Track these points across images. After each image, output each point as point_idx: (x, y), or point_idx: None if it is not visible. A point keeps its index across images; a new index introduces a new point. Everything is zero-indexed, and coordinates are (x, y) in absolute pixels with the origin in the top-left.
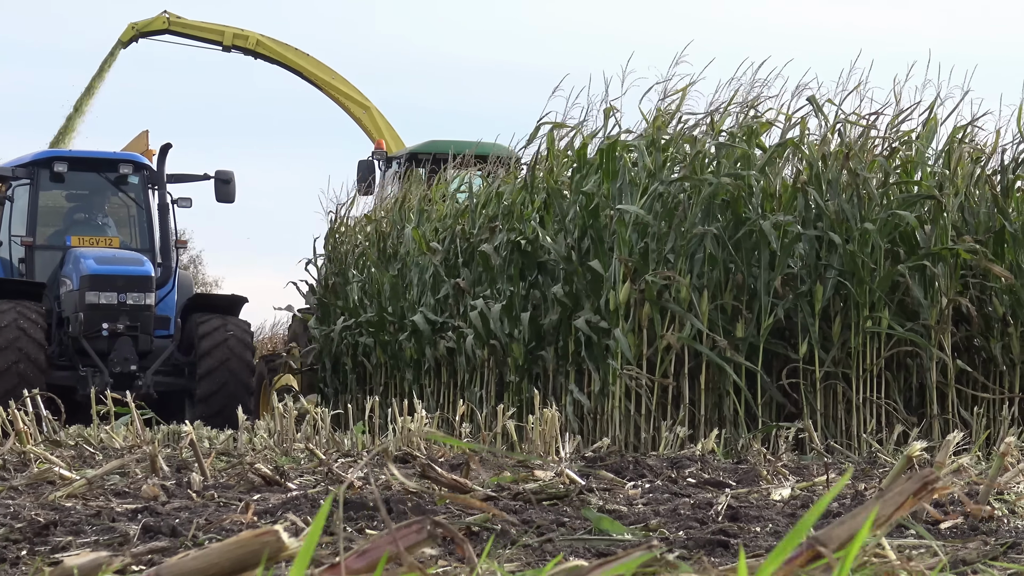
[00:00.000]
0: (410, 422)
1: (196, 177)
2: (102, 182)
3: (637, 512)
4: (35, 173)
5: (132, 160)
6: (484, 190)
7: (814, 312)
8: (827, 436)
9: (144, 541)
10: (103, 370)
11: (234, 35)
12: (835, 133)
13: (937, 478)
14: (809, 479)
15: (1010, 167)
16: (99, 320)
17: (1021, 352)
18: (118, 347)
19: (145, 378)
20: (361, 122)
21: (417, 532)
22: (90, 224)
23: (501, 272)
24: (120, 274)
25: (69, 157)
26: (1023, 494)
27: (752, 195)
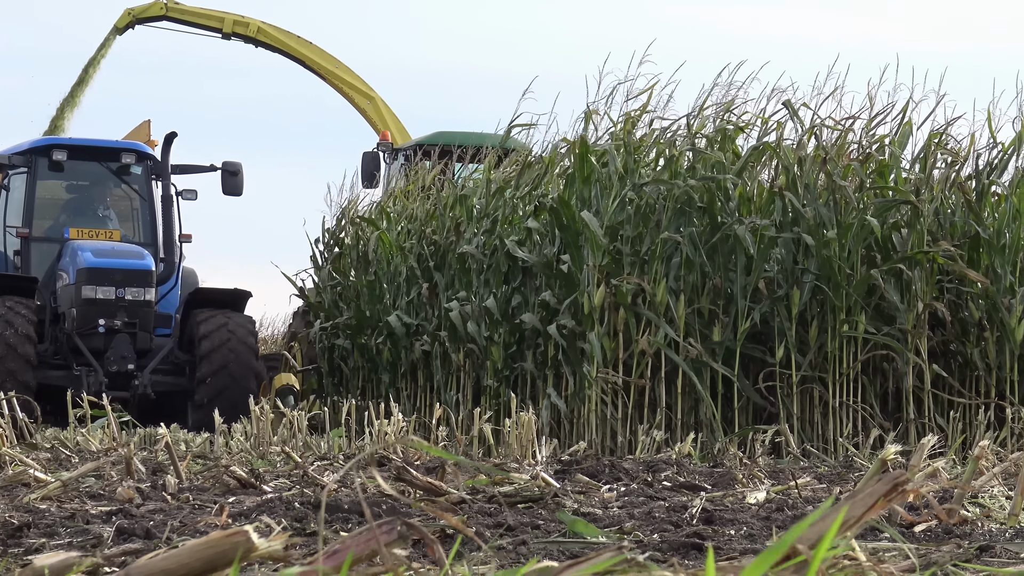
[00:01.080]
0: (386, 425)
1: (202, 168)
2: (103, 172)
3: (612, 515)
4: (33, 161)
5: (135, 149)
6: (451, 191)
7: (791, 316)
8: (803, 440)
9: (118, 543)
10: (98, 369)
11: (234, 22)
12: (811, 137)
13: (907, 480)
14: (785, 483)
15: (984, 172)
16: (95, 316)
17: (997, 357)
18: (115, 345)
19: (142, 378)
20: (366, 113)
21: (387, 533)
22: (90, 216)
23: (478, 275)
24: (119, 268)
25: (69, 145)
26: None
27: (729, 199)
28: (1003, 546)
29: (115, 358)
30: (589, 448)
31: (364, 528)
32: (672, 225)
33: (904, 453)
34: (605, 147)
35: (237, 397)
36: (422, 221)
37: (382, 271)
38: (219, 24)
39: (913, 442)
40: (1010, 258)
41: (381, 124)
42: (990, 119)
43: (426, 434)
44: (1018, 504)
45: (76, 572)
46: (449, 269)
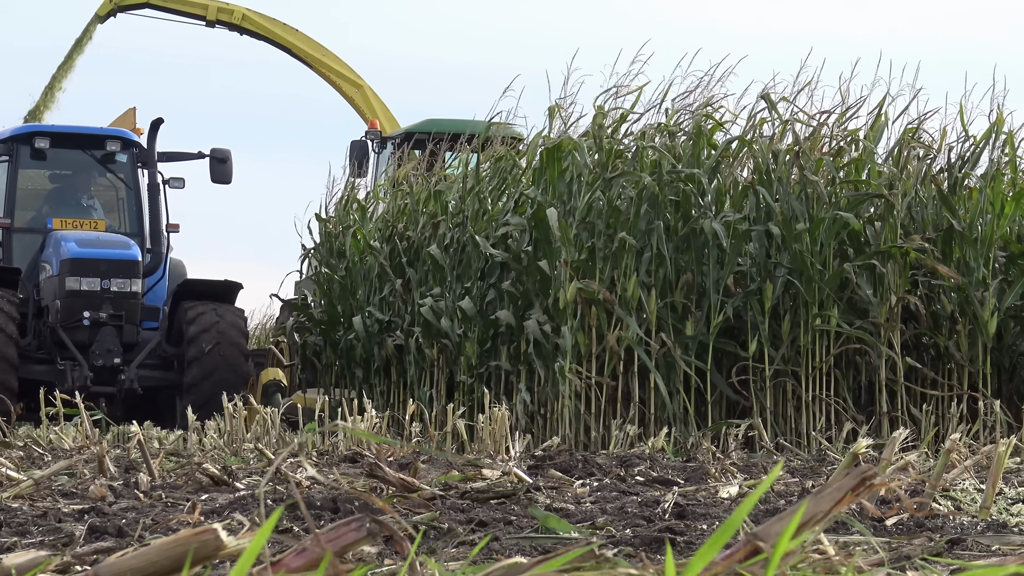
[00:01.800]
0: (359, 421)
1: (189, 155)
2: (87, 160)
3: (585, 510)
4: (14, 149)
5: (120, 136)
6: (423, 185)
7: (764, 310)
8: (777, 434)
9: (90, 542)
10: (82, 363)
11: (219, 9)
12: (785, 132)
13: (875, 474)
14: (757, 477)
15: (956, 165)
16: (80, 308)
17: (969, 350)
18: (100, 338)
19: (129, 372)
20: (353, 101)
21: (356, 530)
22: (74, 205)
23: (452, 271)
24: (103, 258)
25: (51, 132)
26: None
27: (704, 194)
28: (974, 539)
29: (100, 352)
30: (562, 443)
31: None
32: (643, 220)
33: (876, 446)
34: (574, 143)
35: (228, 378)
36: (394, 216)
37: (355, 267)
38: (203, 11)
39: (886, 435)
40: (982, 251)
41: (369, 113)
42: (962, 113)
43: (399, 430)
44: (990, 497)
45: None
46: (423, 265)
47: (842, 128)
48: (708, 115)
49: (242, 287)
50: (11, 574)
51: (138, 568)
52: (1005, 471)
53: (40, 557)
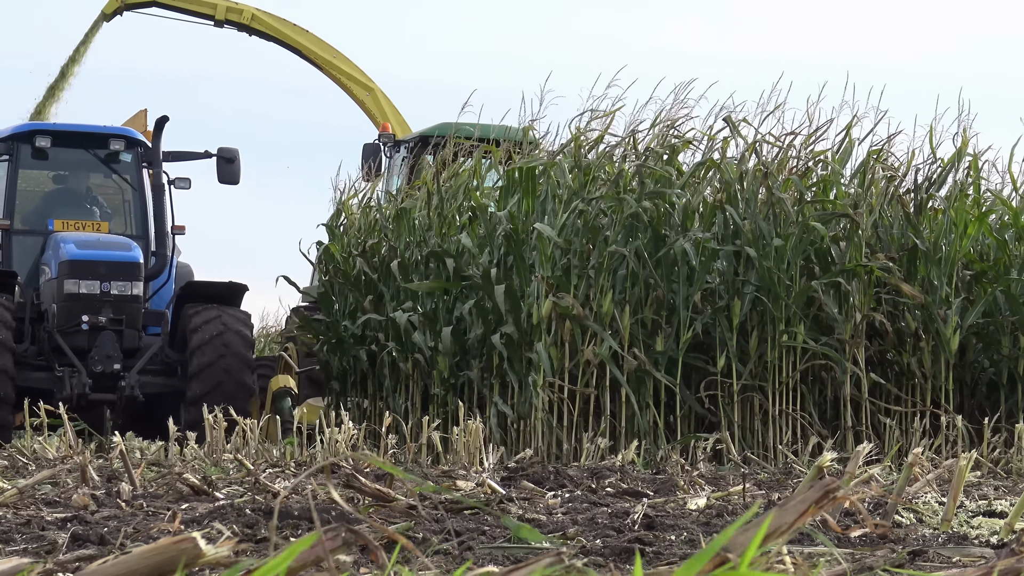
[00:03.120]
0: (337, 433)
1: (196, 155)
2: (90, 159)
3: (556, 521)
4: (15, 148)
5: (124, 135)
6: (391, 203)
7: (732, 327)
8: (744, 447)
9: (72, 549)
10: (81, 370)
11: (228, 8)
12: (752, 153)
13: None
14: (725, 489)
15: (923, 186)
16: (78, 312)
17: (932, 366)
18: (100, 343)
19: (130, 378)
20: (364, 104)
21: (332, 539)
22: (76, 206)
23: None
24: (103, 260)
25: (53, 131)
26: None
27: (673, 213)
28: (936, 551)
29: (99, 358)
30: (535, 455)
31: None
32: (619, 239)
33: (841, 460)
34: (554, 163)
35: (232, 391)
36: (365, 232)
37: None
38: (211, 11)
39: (851, 449)
40: (946, 270)
41: (381, 116)
42: (931, 135)
43: (376, 442)
44: (951, 510)
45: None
46: (393, 280)
47: (809, 149)
48: (679, 137)
49: (247, 289)
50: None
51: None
52: (966, 485)
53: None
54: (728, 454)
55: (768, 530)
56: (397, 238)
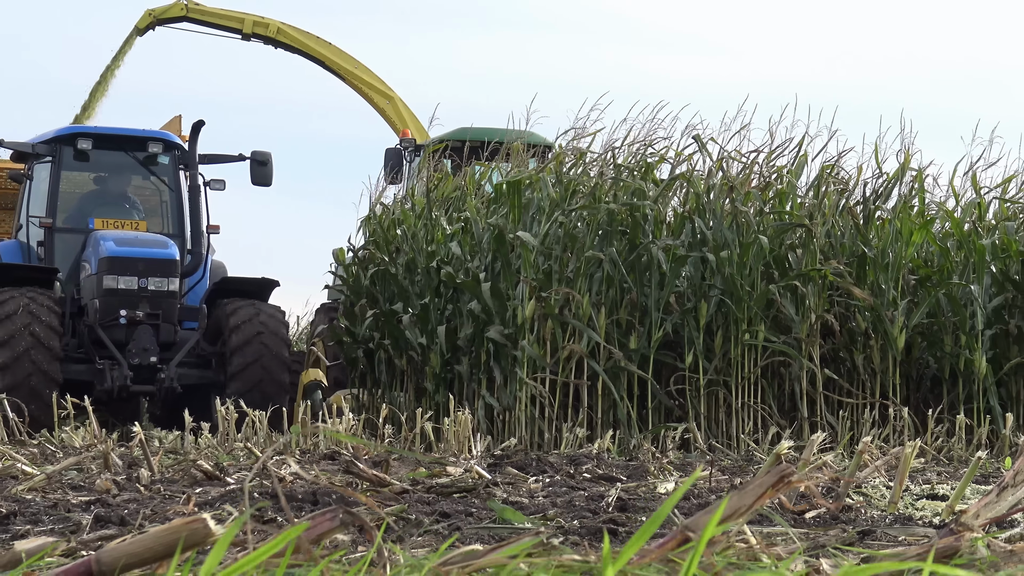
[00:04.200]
0: (338, 423)
1: (231, 158)
2: (129, 161)
3: (537, 503)
4: (57, 151)
5: (162, 138)
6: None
7: (699, 327)
8: (710, 436)
9: (95, 530)
10: (122, 363)
11: (254, 23)
12: (719, 168)
13: (793, 472)
14: (691, 474)
15: (871, 199)
16: (116, 306)
17: (881, 362)
18: (137, 337)
19: (168, 371)
20: (384, 113)
21: (330, 520)
22: (115, 206)
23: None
24: (141, 257)
25: (94, 134)
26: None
27: (646, 222)
28: (883, 531)
29: (137, 351)
30: (519, 444)
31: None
32: (596, 246)
33: (798, 448)
34: (537, 177)
35: (271, 391)
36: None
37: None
38: (239, 25)
39: (806, 438)
40: (893, 275)
41: (400, 124)
42: (877, 152)
43: (374, 432)
44: (897, 493)
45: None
46: (388, 285)
47: (770, 165)
48: (653, 154)
49: (278, 284)
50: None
51: (135, 553)
52: (911, 470)
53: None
54: (695, 443)
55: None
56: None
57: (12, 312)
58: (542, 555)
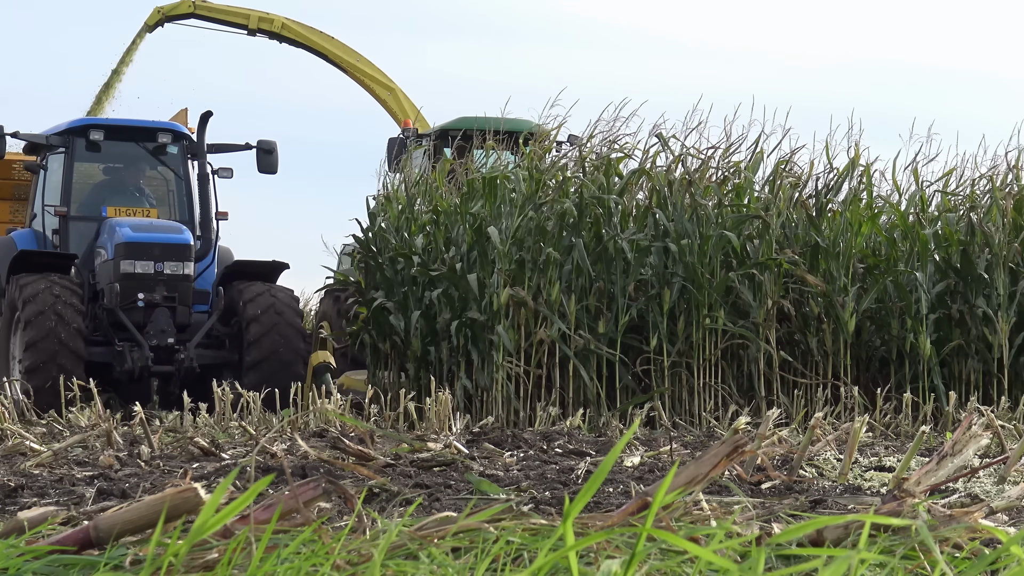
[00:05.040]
0: (327, 403)
1: (237, 147)
2: (140, 152)
3: (512, 476)
4: (70, 142)
5: (171, 129)
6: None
7: (663, 312)
8: (673, 414)
9: (98, 501)
10: (143, 344)
11: (260, 18)
12: (679, 164)
13: (747, 442)
14: (656, 449)
15: (822, 192)
16: (134, 290)
17: (833, 345)
18: (155, 319)
19: (187, 351)
20: (386, 104)
21: (313, 489)
22: (127, 195)
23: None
24: (157, 242)
25: (106, 125)
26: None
27: (610, 215)
28: (833, 499)
29: (154, 332)
30: (496, 422)
31: (296, 485)
32: (565, 238)
33: (755, 424)
34: (506, 175)
35: (287, 356)
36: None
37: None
38: (245, 21)
39: (763, 416)
40: (843, 263)
41: (402, 114)
42: (828, 148)
43: (360, 411)
44: (847, 465)
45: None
46: (372, 275)
47: (727, 161)
48: (615, 150)
49: (288, 267)
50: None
51: (130, 520)
52: (860, 444)
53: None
54: (660, 420)
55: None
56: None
57: (37, 294)
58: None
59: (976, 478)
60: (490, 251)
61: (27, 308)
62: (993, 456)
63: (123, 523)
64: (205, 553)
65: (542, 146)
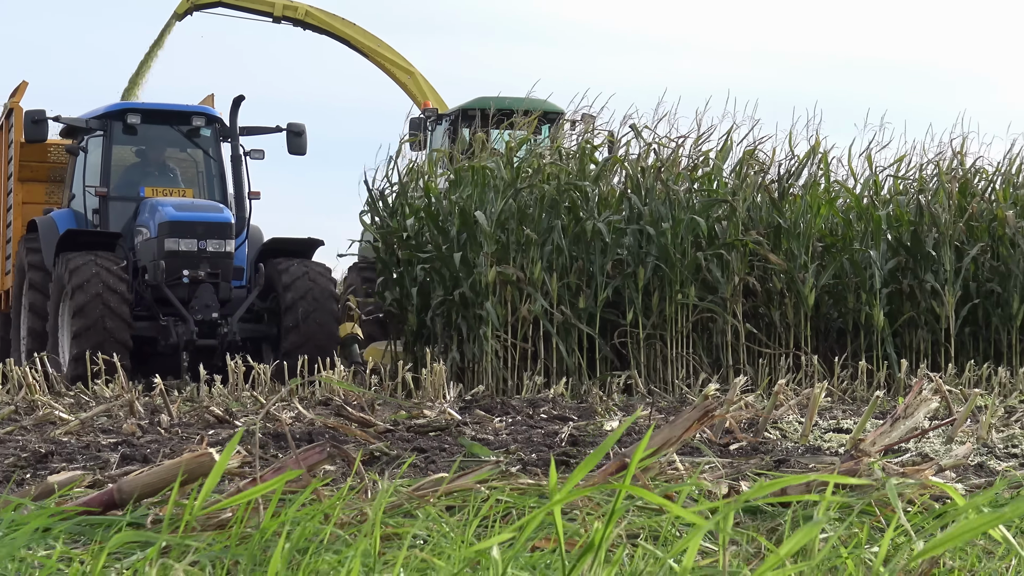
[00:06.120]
0: (331, 374)
1: (268, 129)
2: (175, 134)
3: (501, 440)
4: (108, 125)
5: (205, 113)
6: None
7: (638, 289)
8: (649, 382)
9: (121, 466)
10: (187, 318)
11: (284, 6)
12: (650, 152)
13: (716, 407)
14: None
15: (784, 178)
16: (179, 267)
17: (794, 318)
18: (199, 295)
19: (231, 325)
20: (406, 87)
21: (319, 453)
22: (163, 176)
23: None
24: (200, 221)
25: (142, 109)
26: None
27: (587, 200)
28: (796, 459)
29: (199, 307)
30: (486, 390)
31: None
32: (544, 220)
33: (723, 390)
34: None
35: (322, 343)
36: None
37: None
38: (270, 8)
39: (731, 383)
40: (804, 243)
41: (421, 96)
42: (791, 138)
43: (362, 381)
44: (808, 427)
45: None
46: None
47: (698, 149)
48: (589, 140)
49: (323, 243)
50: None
51: (151, 483)
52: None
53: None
54: (636, 387)
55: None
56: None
57: (83, 267)
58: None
59: (926, 438)
60: (478, 233)
61: (74, 279)
62: (942, 418)
63: (144, 485)
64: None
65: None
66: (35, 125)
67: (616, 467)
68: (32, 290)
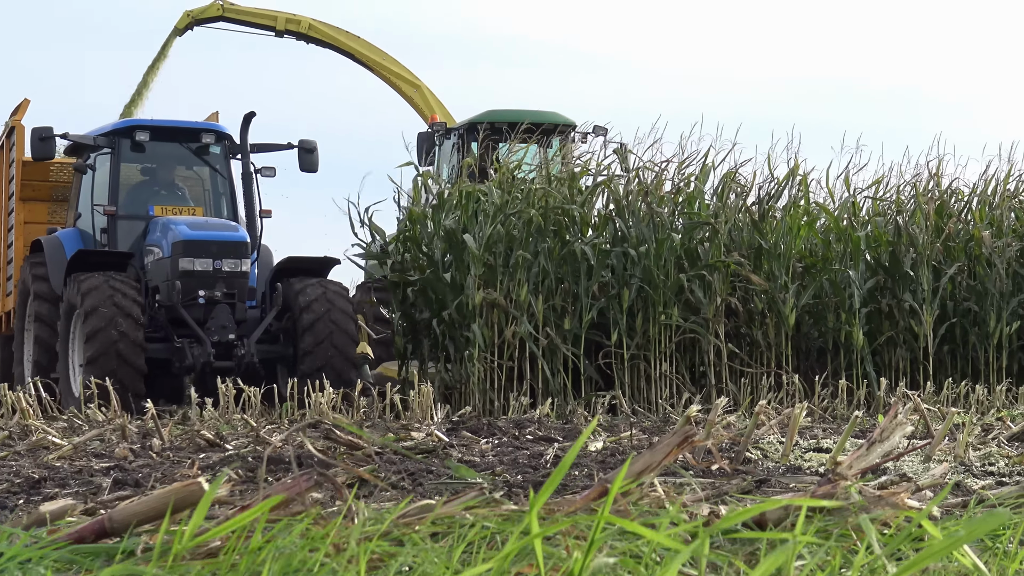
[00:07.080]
0: (321, 398)
1: (279, 146)
2: (184, 152)
3: (488, 461)
4: (116, 142)
5: (214, 130)
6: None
7: (622, 310)
8: (632, 402)
9: (114, 491)
10: (204, 340)
11: (287, 20)
12: (636, 176)
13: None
14: (617, 434)
15: (764, 200)
16: (194, 288)
17: (775, 338)
18: (216, 315)
19: (248, 347)
20: (412, 100)
21: (306, 481)
22: (172, 194)
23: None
24: (215, 239)
25: (151, 126)
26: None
27: (573, 223)
28: (777, 479)
29: (215, 328)
30: (473, 411)
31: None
32: (531, 244)
33: (706, 410)
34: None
35: (340, 366)
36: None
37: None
38: (272, 23)
39: (714, 402)
40: (784, 263)
41: (428, 110)
42: (769, 160)
43: (350, 403)
44: (788, 447)
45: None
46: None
47: (682, 173)
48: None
49: (338, 262)
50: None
51: (142, 512)
52: (800, 428)
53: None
54: (620, 407)
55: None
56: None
57: (96, 289)
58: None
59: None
60: (466, 256)
61: (86, 302)
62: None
63: (135, 515)
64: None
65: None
66: (42, 142)
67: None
68: (38, 312)
